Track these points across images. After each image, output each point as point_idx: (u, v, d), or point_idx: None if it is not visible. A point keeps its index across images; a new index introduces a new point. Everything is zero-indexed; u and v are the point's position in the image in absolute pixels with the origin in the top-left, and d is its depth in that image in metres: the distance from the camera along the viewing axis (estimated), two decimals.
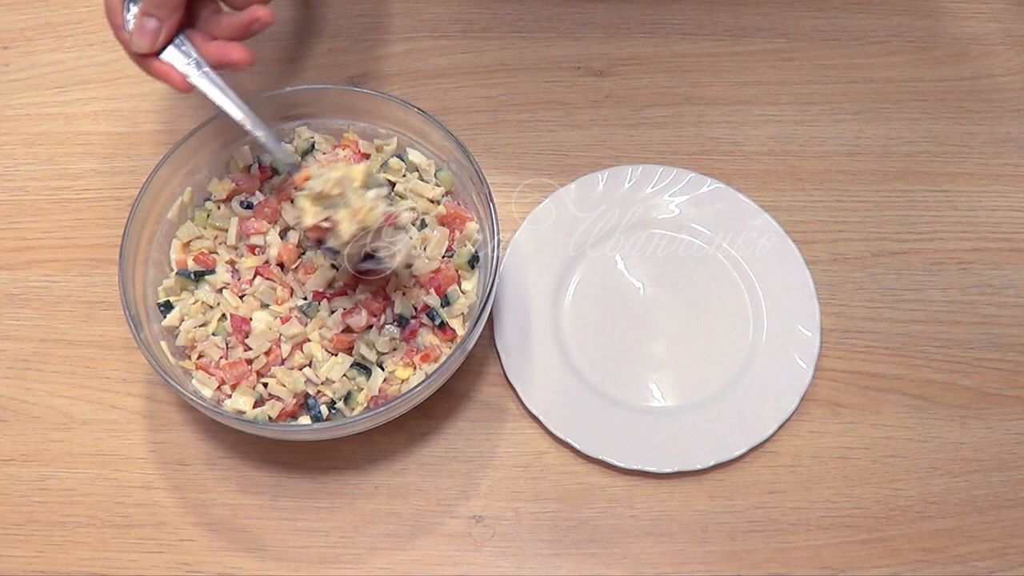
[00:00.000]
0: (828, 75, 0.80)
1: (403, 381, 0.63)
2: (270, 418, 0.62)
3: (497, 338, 0.68)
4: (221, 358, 0.63)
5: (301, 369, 0.63)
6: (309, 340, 0.64)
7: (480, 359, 0.69)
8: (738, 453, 0.65)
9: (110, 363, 0.69)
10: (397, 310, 0.64)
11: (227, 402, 0.62)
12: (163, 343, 0.63)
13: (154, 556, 0.64)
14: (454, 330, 0.64)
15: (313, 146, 0.69)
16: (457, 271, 0.65)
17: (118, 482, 0.66)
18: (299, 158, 0.67)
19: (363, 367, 0.63)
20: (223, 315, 0.65)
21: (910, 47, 0.81)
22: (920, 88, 0.79)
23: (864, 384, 0.68)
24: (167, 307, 0.65)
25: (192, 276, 0.66)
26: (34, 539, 0.64)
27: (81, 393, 0.68)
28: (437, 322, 0.64)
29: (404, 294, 0.64)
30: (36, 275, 0.72)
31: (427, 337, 0.64)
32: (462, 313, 0.65)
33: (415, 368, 0.63)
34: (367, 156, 0.69)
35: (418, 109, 0.66)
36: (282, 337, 0.63)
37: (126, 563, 0.63)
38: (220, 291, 0.66)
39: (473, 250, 0.66)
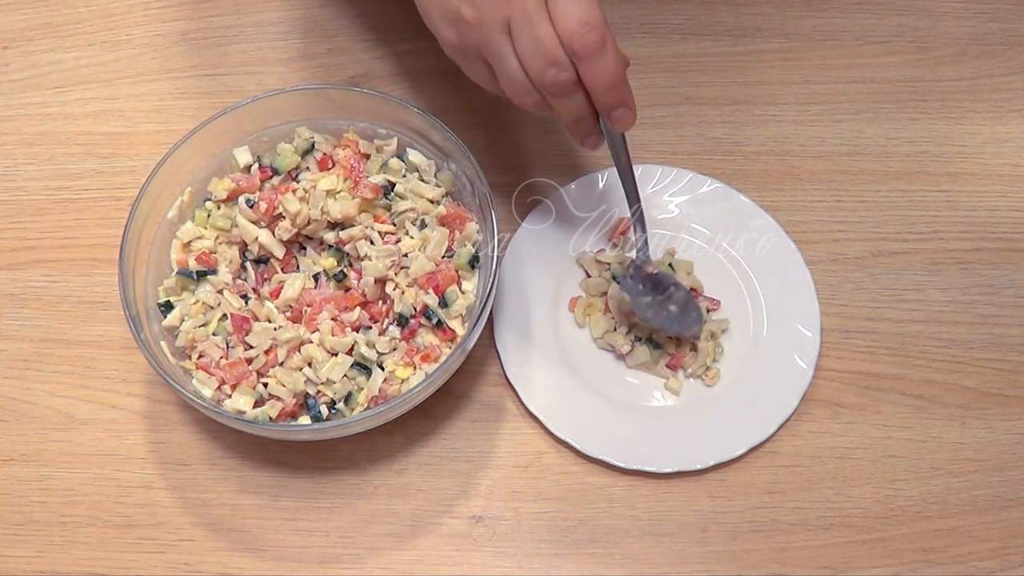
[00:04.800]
0: (828, 75, 0.80)
1: (403, 381, 0.63)
2: (270, 418, 0.62)
3: (497, 338, 0.68)
4: (221, 358, 0.63)
5: (300, 369, 0.63)
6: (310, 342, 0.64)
7: (480, 359, 0.69)
8: (738, 453, 0.65)
9: (110, 363, 0.69)
10: (397, 309, 0.64)
11: (227, 402, 0.62)
12: (163, 343, 0.63)
13: (154, 556, 0.64)
14: (454, 330, 0.64)
15: (313, 146, 0.69)
16: (457, 271, 0.65)
17: (118, 482, 0.66)
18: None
19: (363, 367, 0.63)
20: (224, 315, 0.65)
21: (910, 47, 0.81)
22: (920, 88, 0.79)
23: (864, 384, 0.68)
24: (167, 307, 0.65)
25: (194, 276, 0.66)
26: (34, 539, 0.64)
27: (81, 393, 0.68)
28: (435, 321, 0.64)
29: (403, 293, 0.64)
30: (36, 275, 0.72)
31: (426, 337, 0.64)
32: (461, 314, 0.65)
33: (415, 368, 0.63)
34: (367, 156, 0.69)
35: (418, 109, 0.66)
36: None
37: (126, 563, 0.63)
38: (220, 292, 0.66)
39: (473, 250, 0.66)
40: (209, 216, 0.67)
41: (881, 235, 0.73)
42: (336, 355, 0.63)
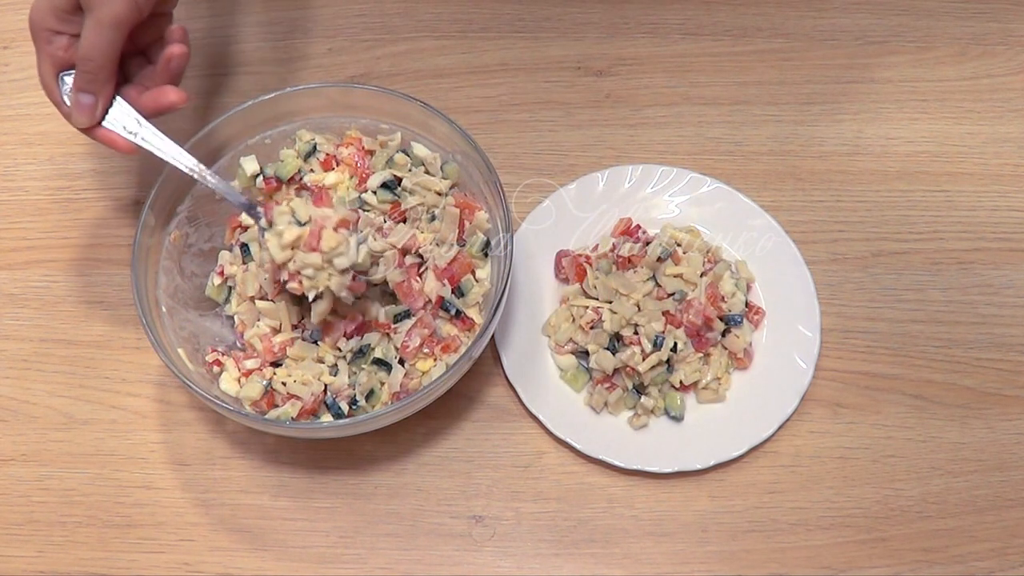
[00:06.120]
0: (828, 75, 0.80)
1: (424, 373, 0.63)
2: (292, 418, 0.61)
3: (498, 338, 0.68)
4: (223, 355, 0.63)
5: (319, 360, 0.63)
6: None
7: (481, 359, 0.68)
8: (738, 453, 0.65)
9: (110, 363, 0.69)
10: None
11: (241, 392, 0.62)
12: (180, 350, 0.63)
13: (154, 556, 0.64)
14: (472, 319, 0.64)
15: (315, 148, 0.69)
16: (470, 260, 0.65)
17: (118, 482, 0.66)
18: (245, 199, 0.64)
19: (384, 364, 0.63)
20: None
21: (910, 47, 0.81)
22: (920, 88, 0.79)
23: (864, 384, 0.68)
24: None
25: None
26: (34, 539, 0.64)
27: (81, 393, 0.68)
28: (453, 312, 0.64)
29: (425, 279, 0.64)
30: (36, 275, 0.72)
31: (445, 328, 0.64)
32: (478, 302, 0.65)
33: (435, 360, 0.63)
34: (371, 153, 0.68)
35: (421, 102, 0.66)
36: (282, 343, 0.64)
37: (126, 563, 0.63)
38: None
39: (484, 238, 0.66)
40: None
41: (881, 235, 0.73)
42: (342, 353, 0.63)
